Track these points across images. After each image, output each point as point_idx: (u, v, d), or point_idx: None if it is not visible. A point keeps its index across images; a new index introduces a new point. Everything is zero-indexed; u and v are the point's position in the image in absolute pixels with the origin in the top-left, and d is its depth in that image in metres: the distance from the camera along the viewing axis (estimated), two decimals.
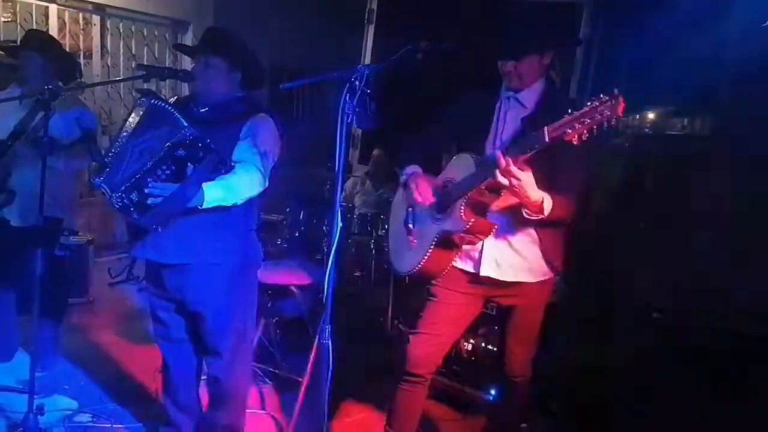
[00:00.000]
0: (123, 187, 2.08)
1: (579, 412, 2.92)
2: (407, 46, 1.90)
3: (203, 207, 2.12)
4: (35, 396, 2.59)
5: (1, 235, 3.10)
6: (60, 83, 3.09)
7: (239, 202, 2.21)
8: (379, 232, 4.12)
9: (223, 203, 2.16)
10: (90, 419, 2.88)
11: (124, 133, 2.23)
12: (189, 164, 2.09)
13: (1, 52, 3.85)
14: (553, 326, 2.51)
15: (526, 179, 1.90)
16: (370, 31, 5.71)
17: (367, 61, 5.63)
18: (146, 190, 2.06)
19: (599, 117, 1.71)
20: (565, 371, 3.00)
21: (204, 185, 2.10)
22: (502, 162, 1.86)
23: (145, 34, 6.09)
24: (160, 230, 2.17)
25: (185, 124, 2.11)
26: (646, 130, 2.98)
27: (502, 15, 2.16)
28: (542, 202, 1.98)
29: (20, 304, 3.33)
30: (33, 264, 2.54)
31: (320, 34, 7.34)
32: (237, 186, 2.18)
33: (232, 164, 2.23)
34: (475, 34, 2.22)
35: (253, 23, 5.98)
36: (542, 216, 2.02)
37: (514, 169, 1.87)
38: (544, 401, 2.97)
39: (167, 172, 2.09)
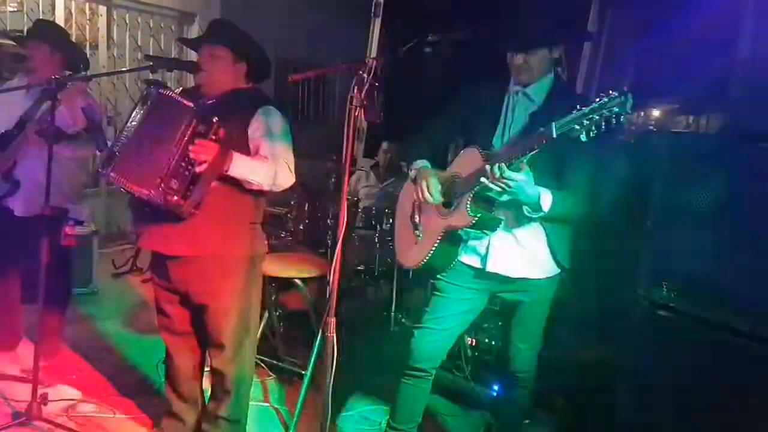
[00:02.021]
0: (160, 179, 2.10)
1: (582, 408, 2.92)
2: (415, 39, 1.90)
3: (231, 172, 2.18)
4: (39, 385, 2.60)
5: (6, 225, 3.11)
6: (67, 73, 3.10)
7: (265, 186, 2.26)
8: (384, 226, 4.11)
9: (252, 178, 2.22)
10: (93, 409, 2.89)
11: (132, 123, 2.23)
12: (214, 136, 2.14)
13: (9, 42, 3.85)
14: (558, 322, 2.50)
15: (521, 180, 1.89)
16: (377, 24, 5.69)
17: (374, 54, 5.62)
18: (189, 167, 2.11)
19: (608, 113, 1.70)
20: (568, 368, 2.99)
21: (233, 153, 2.18)
22: (495, 173, 1.89)
23: (152, 25, 6.08)
24: (197, 213, 2.19)
25: (191, 104, 2.17)
26: (651, 127, 2.96)
27: (512, 8, 2.14)
28: (539, 199, 1.97)
29: (24, 294, 3.34)
30: (37, 254, 2.55)
31: (326, 26, 7.33)
32: (267, 168, 2.24)
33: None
34: (485, 27, 2.20)
35: (259, 15, 5.97)
36: (542, 213, 2.01)
37: (507, 173, 1.87)
38: (548, 397, 2.97)
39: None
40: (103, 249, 5.11)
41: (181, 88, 2.66)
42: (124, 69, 5.79)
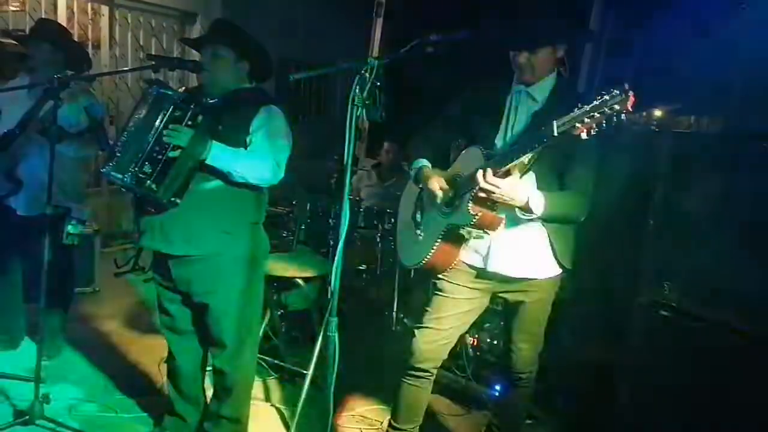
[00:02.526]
0: (134, 162, 2.13)
1: (584, 409, 2.92)
2: (417, 38, 1.89)
3: (210, 161, 2.16)
4: (41, 384, 2.61)
5: (8, 224, 3.11)
6: (69, 73, 3.11)
7: (249, 179, 2.23)
8: (385, 226, 4.11)
9: (230, 167, 2.20)
10: (95, 409, 2.90)
11: (132, 123, 2.24)
12: (190, 122, 2.15)
13: (11, 41, 3.85)
14: (560, 322, 2.50)
15: (506, 186, 1.91)
16: (379, 24, 5.70)
17: (375, 54, 5.62)
18: (163, 139, 2.12)
19: (608, 111, 1.70)
20: (570, 368, 2.99)
21: (213, 141, 2.17)
22: (480, 181, 1.91)
23: (154, 25, 6.09)
24: (178, 203, 2.19)
25: (171, 94, 2.20)
26: (653, 127, 2.96)
27: (515, 7, 2.14)
28: (527, 202, 1.98)
29: (26, 293, 3.35)
30: (40, 253, 2.55)
31: (327, 26, 7.33)
32: (247, 159, 2.23)
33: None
34: (488, 26, 2.21)
35: (260, 15, 5.98)
36: (534, 215, 2.01)
37: (491, 179, 1.90)
38: (549, 398, 2.97)
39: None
40: (104, 248, 5.11)
41: (183, 88, 2.67)
42: (126, 68, 5.79)
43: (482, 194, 1.97)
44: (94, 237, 4.56)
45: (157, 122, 2.16)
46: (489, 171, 1.91)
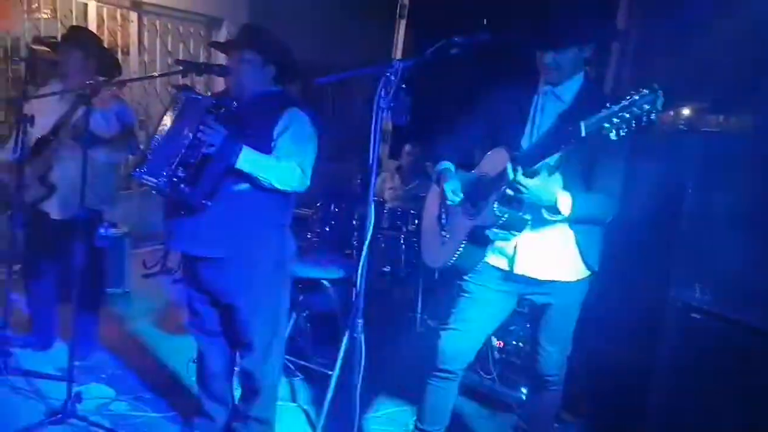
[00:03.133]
0: (168, 167, 2.16)
1: (613, 412, 2.88)
2: (441, 40, 1.89)
3: (240, 165, 2.19)
4: (73, 384, 2.66)
5: (42, 228, 3.18)
6: (100, 79, 3.17)
7: (276, 185, 2.25)
8: (409, 228, 4.11)
9: (258, 173, 2.22)
10: (126, 407, 2.95)
11: (163, 127, 2.28)
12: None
13: (43, 48, 3.94)
14: (588, 325, 2.48)
15: (534, 186, 1.89)
16: (402, 25, 5.69)
17: (399, 56, 5.62)
18: (199, 135, 2.15)
19: (638, 111, 1.68)
20: (599, 371, 2.95)
21: (243, 146, 2.20)
22: (510, 173, 1.90)
23: (181, 30, 6.18)
24: (209, 205, 2.22)
25: (203, 96, 2.23)
26: (682, 126, 2.91)
27: (541, 6, 2.12)
28: (555, 203, 1.96)
29: (59, 294, 3.42)
30: (72, 255, 2.60)
31: (351, 29, 7.35)
32: (275, 166, 2.25)
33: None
34: (513, 26, 2.19)
35: (286, 19, 6.02)
36: (561, 216, 1.99)
37: (520, 179, 1.89)
38: (578, 401, 2.94)
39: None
40: (134, 250, 5.20)
41: (210, 93, 2.70)
42: (154, 74, 5.89)
43: (510, 193, 1.95)
44: (125, 239, 4.64)
45: (190, 127, 2.18)
46: (519, 170, 1.90)
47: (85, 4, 5.31)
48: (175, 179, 2.16)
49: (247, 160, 2.20)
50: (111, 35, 5.77)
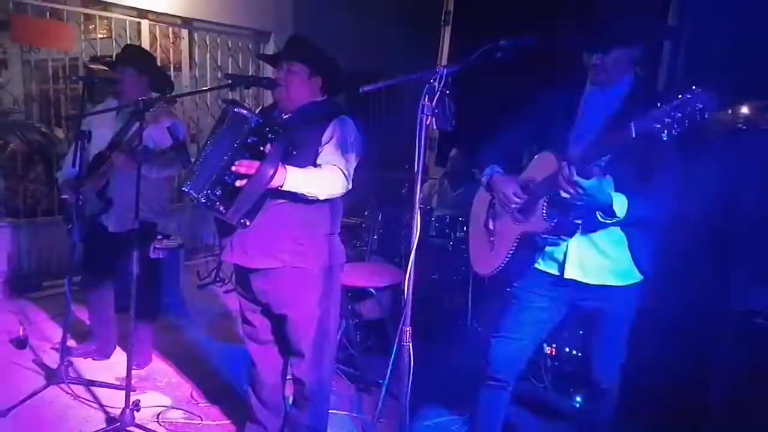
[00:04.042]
0: (207, 185, 2.17)
1: (672, 422, 2.78)
2: (486, 45, 1.87)
3: (284, 188, 2.18)
4: (132, 392, 2.74)
5: (100, 241, 3.30)
6: (153, 95, 3.27)
7: (320, 196, 2.26)
8: (458, 234, 4.08)
9: (303, 190, 2.22)
10: (181, 415, 3.01)
11: (210, 142, 2.33)
12: (261, 147, 2.15)
13: (100, 67, 4.10)
14: (644, 332, 2.40)
15: (590, 186, 1.84)
16: (447, 32, 5.68)
17: (444, 63, 5.61)
18: (233, 168, 2.13)
19: (691, 110, 1.62)
20: (655, 380, 2.85)
21: (287, 167, 2.17)
22: (566, 172, 1.84)
23: (230, 45, 6.33)
24: (248, 224, 2.23)
25: (250, 113, 2.19)
26: (740, 125, 2.80)
27: (587, 6, 2.07)
28: (611, 205, 1.90)
29: (117, 305, 3.54)
30: (129, 267, 2.69)
31: (396, 38, 7.39)
32: (318, 177, 2.24)
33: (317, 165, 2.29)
34: (559, 28, 2.15)
35: (331, 30, 6.09)
36: (617, 218, 1.94)
37: (577, 180, 1.82)
38: (634, 410, 2.84)
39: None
40: (188, 261, 5.33)
41: (260, 107, 2.75)
42: (205, 88, 6.04)
43: (564, 196, 1.90)
44: (179, 251, 4.76)
45: (231, 146, 2.17)
46: (573, 170, 1.85)
47: (139, 23, 5.51)
48: (213, 198, 2.16)
49: (292, 182, 2.19)
50: (163, 52, 5.96)
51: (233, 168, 2.14)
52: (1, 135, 4.44)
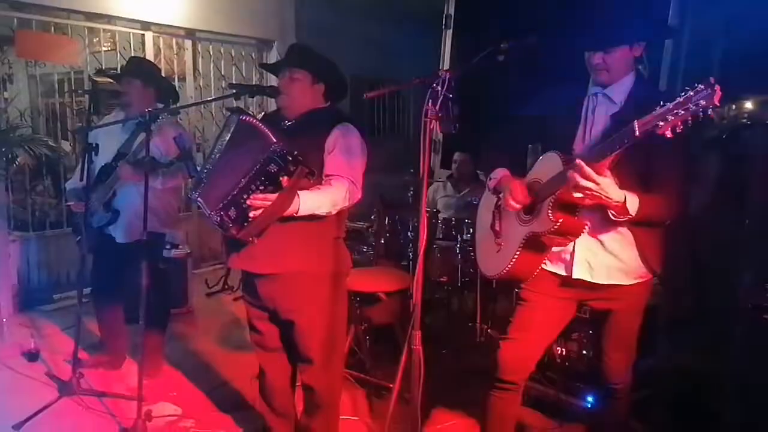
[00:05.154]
0: (220, 205, 2.15)
1: (683, 420, 2.77)
2: (488, 48, 1.88)
3: (298, 214, 2.18)
4: (143, 402, 2.75)
5: (108, 252, 3.32)
6: (159, 106, 3.29)
7: (333, 212, 2.28)
8: (464, 237, 4.08)
9: (316, 211, 2.22)
10: (193, 424, 3.02)
11: (217, 149, 2.34)
12: (281, 177, 2.11)
13: (105, 79, 4.13)
14: (653, 330, 2.39)
15: (605, 182, 1.83)
16: (448, 36, 5.70)
17: (446, 66, 5.62)
18: (246, 203, 2.11)
19: (694, 107, 1.62)
20: (667, 378, 2.84)
21: (300, 193, 2.16)
22: (580, 174, 1.82)
23: (233, 54, 6.36)
24: (255, 242, 2.23)
25: (274, 140, 2.12)
26: (744, 120, 2.80)
27: (588, 5, 2.07)
28: (624, 202, 1.90)
29: (127, 315, 3.55)
30: (138, 277, 2.70)
31: (397, 43, 7.42)
32: (331, 196, 2.25)
33: (322, 176, 2.29)
34: (560, 28, 2.15)
35: (333, 38, 6.13)
36: (629, 216, 1.93)
37: (591, 173, 1.81)
38: (646, 409, 2.83)
39: (261, 187, 2.11)
40: (195, 270, 5.35)
41: (263, 113, 2.76)
42: (209, 98, 6.08)
43: (577, 195, 1.88)
44: (187, 259, 4.78)
45: (249, 170, 2.10)
46: (585, 166, 1.83)
47: (142, 35, 5.54)
48: (226, 218, 2.15)
49: (305, 207, 2.18)
50: (168, 63, 6.00)
51: (249, 202, 2.10)
52: (9, 149, 4.47)
